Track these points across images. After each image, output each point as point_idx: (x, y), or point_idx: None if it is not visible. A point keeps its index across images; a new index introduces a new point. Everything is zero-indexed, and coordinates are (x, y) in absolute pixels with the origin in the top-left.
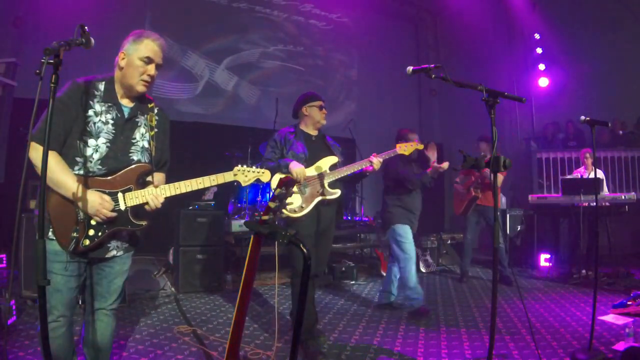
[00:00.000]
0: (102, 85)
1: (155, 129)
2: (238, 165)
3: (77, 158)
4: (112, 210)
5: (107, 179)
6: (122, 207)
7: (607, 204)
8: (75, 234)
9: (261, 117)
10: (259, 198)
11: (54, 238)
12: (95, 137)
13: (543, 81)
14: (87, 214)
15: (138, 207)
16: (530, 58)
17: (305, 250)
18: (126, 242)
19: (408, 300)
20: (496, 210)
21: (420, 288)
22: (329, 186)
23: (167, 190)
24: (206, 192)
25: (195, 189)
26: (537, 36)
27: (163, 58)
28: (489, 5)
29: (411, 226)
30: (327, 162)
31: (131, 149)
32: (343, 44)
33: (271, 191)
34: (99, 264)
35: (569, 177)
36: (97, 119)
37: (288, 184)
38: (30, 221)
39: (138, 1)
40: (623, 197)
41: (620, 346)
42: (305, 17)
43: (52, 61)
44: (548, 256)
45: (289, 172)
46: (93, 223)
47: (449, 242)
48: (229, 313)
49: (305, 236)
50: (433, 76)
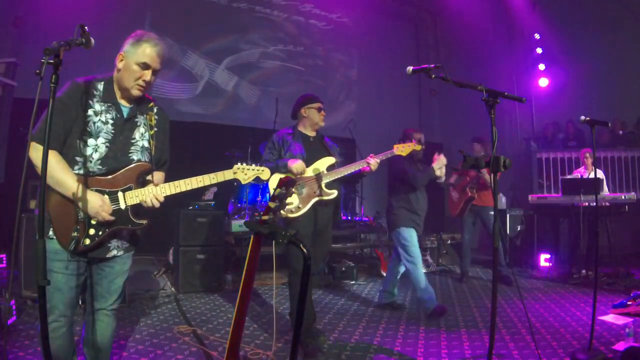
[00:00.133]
0: (102, 85)
1: (155, 128)
2: (238, 163)
3: (77, 158)
4: (113, 209)
5: (108, 178)
6: (123, 206)
7: (607, 204)
8: (75, 234)
9: (261, 117)
10: (259, 198)
11: (54, 237)
12: (94, 137)
13: (543, 81)
14: (88, 214)
15: (138, 206)
16: (530, 58)
17: (305, 250)
18: (126, 242)
19: (422, 302)
20: (496, 210)
21: (430, 288)
22: (326, 187)
23: (167, 188)
24: (206, 192)
25: (195, 188)
26: (537, 36)
27: (162, 62)
28: (489, 5)
29: (416, 228)
30: (325, 163)
31: (131, 149)
32: (343, 44)
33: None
34: (99, 264)
35: (569, 177)
36: (97, 119)
37: (288, 184)
38: (30, 221)
39: (138, 1)
40: (623, 197)
41: (620, 346)
42: (305, 17)
43: (52, 61)
44: (548, 256)
45: (289, 170)
46: (93, 222)
47: (449, 242)
48: (229, 313)
49: (302, 236)
50: (433, 76)
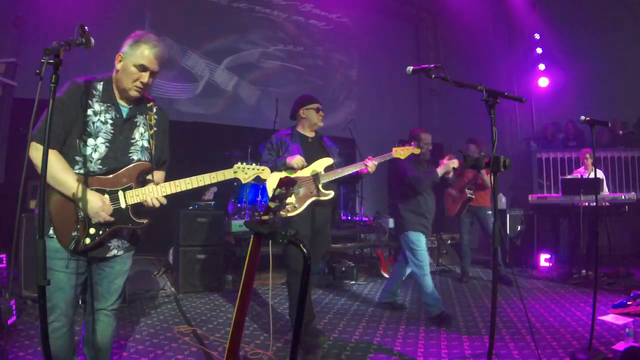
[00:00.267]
0: (101, 85)
1: (154, 128)
2: (238, 162)
3: (77, 157)
4: (113, 208)
5: (108, 177)
6: (123, 205)
7: (607, 204)
8: (75, 233)
9: (261, 117)
10: (259, 198)
11: (55, 236)
12: (94, 137)
13: (543, 81)
14: (87, 214)
15: (139, 206)
16: (530, 58)
17: (305, 250)
18: (127, 241)
19: (427, 306)
20: (496, 210)
21: (437, 294)
22: (323, 187)
23: (168, 188)
24: (206, 192)
25: (195, 187)
26: (537, 36)
27: (160, 64)
28: (489, 5)
29: (425, 232)
30: (322, 164)
31: (130, 149)
32: (343, 44)
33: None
34: (100, 264)
35: (569, 177)
36: (96, 119)
37: (288, 184)
38: (30, 221)
39: (138, 1)
40: (623, 197)
41: (620, 346)
42: (305, 17)
43: (52, 61)
44: (548, 256)
45: (288, 166)
46: (94, 222)
47: (449, 242)
48: (229, 313)
49: (301, 236)
50: (433, 76)
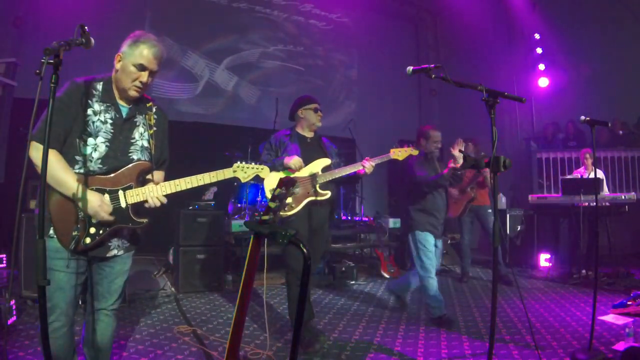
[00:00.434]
0: (100, 85)
1: (154, 128)
2: (237, 162)
3: (77, 157)
4: (113, 207)
5: (108, 177)
6: (123, 205)
7: (607, 204)
8: (76, 233)
9: (261, 117)
10: (259, 198)
11: (55, 236)
12: (94, 137)
13: (543, 81)
14: (87, 214)
15: (139, 205)
16: (530, 58)
17: (305, 250)
18: (127, 241)
19: (429, 307)
20: (496, 210)
21: (440, 296)
22: (321, 187)
23: (168, 187)
24: (206, 192)
25: (195, 186)
26: (537, 36)
27: (160, 64)
28: (489, 5)
29: (434, 232)
30: (320, 164)
31: (130, 149)
32: (343, 44)
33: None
34: (100, 264)
35: (569, 177)
36: (96, 118)
37: (288, 184)
38: (30, 221)
39: (138, 1)
40: (623, 197)
41: (620, 346)
42: (305, 17)
43: (52, 61)
44: (548, 256)
45: (286, 167)
46: (94, 221)
47: (449, 242)
48: (229, 313)
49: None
50: (433, 76)
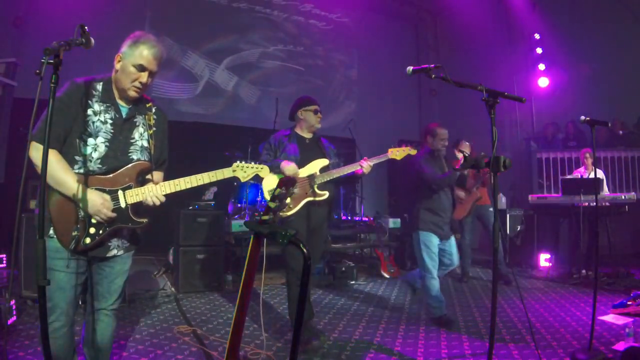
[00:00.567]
0: (100, 85)
1: (153, 128)
2: (237, 161)
3: (77, 157)
4: (113, 208)
5: (108, 177)
6: (123, 205)
7: (607, 204)
8: (76, 233)
9: (261, 117)
10: (259, 198)
11: (55, 236)
12: (94, 137)
13: (543, 81)
14: (88, 213)
15: (138, 205)
16: (530, 58)
17: (305, 250)
18: (127, 241)
19: (429, 307)
20: (496, 210)
21: (441, 297)
22: (319, 188)
23: (167, 187)
24: (206, 192)
25: (194, 186)
26: (537, 36)
27: (159, 64)
28: (489, 5)
29: (437, 232)
30: (318, 165)
31: (130, 149)
32: (343, 44)
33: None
34: (100, 264)
35: (569, 177)
36: (96, 119)
37: (288, 184)
38: (30, 221)
39: (138, 1)
40: (623, 197)
41: (620, 346)
42: (305, 17)
43: (52, 61)
44: (548, 256)
45: (281, 171)
46: (94, 221)
47: None
48: (229, 313)
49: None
50: (433, 76)
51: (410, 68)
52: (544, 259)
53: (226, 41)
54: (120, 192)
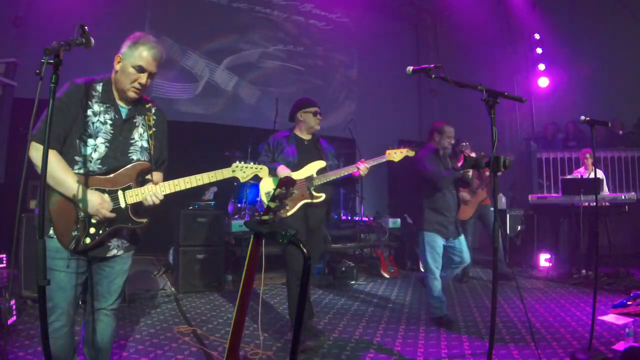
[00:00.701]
0: (100, 86)
1: (153, 128)
2: (236, 162)
3: (77, 157)
4: (113, 207)
5: (107, 177)
6: (123, 205)
7: (607, 204)
8: (75, 233)
9: (261, 117)
10: (259, 198)
11: (55, 236)
12: (93, 137)
13: (543, 81)
14: (88, 213)
15: (138, 205)
16: (530, 58)
17: (305, 250)
18: (127, 241)
19: (430, 307)
20: (496, 210)
21: (443, 297)
22: (316, 190)
23: (167, 187)
24: (206, 192)
25: (194, 186)
26: (537, 36)
27: (159, 66)
28: (489, 5)
29: (443, 232)
30: (315, 167)
31: (130, 149)
32: (343, 44)
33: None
34: (100, 264)
35: (569, 177)
36: (96, 119)
37: (288, 184)
38: (30, 221)
39: (138, 1)
40: (623, 197)
41: (620, 346)
42: (305, 17)
43: (52, 61)
44: (548, 256)
45: (276, 175)
46: (94, 221)
47: None
48: (229, 313)
49: None
50: (433, 76)
51: (410, 68)
52: (544, 259)
53: (226, 41)
54: (120, 192)
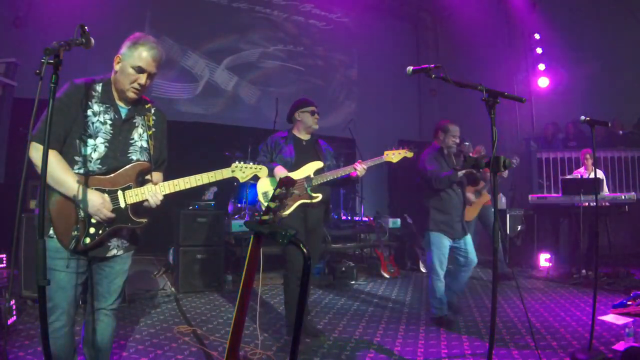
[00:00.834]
0: (100, 86)
1: (153, 128)
2: (236, 162)
3: (77, 157)
4: (113, 207)
5: (107, 177)
6: (122, 205)
7: (607, 204)
8: (75, 233)
9: (261, 117)
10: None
11: (55, 236)
12: (93, 137)
13: (543, 81)
14: (88, 213)
15: (138, 205)
16: (530, 58)
17: (305, 250)
18: (127, 241)
19: (431, 307)
20: (496, 210)
21: (445, 298)
22: (313, 190)
23: (167, 187)
24: (206, 192)
25: (194, 186)
26: (537, 36)
27: (158, 66)
28: (489, 5)
29: (448, 232)
30: (312, 167)
31: (130, 149)
32: (343, 44)
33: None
34: (100, 264)
35: (569, 177)
36: (96, 119)
37: (288, 184)
38: (30, 221)
39: (138, 1)
40: (623, 197)
41: (620, 346)
42: (305, 17)
43: (52, 61)
44: (548, 256)
45: (274, 175)
46: (93, 221)
47: None
48: (229, 313)
49: None
50: (433, 76)
51: (410, 68)
52: (544, 259)
53: (226, 41)
54: (119, 192)
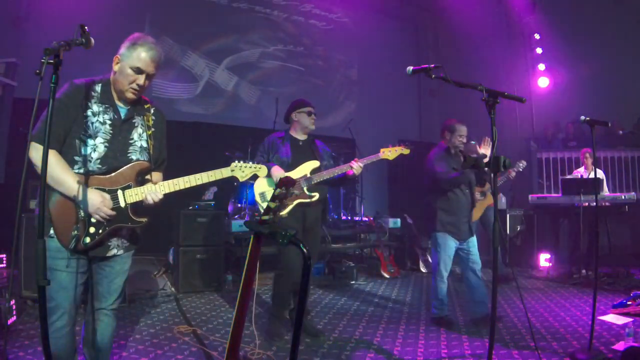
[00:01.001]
0: (99, 86)
1: (152, 128)
2: (235, 161)
3: (76, 157)
4: (112, 207)
5: (107, 177)
6: (122, 204)
7: (607, 204)
8: (75, 232)
9: (261, 117)
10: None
11: (55, 236)
12: (93, 137)
13: (543, 81)
14: (88, 213)
15: (138, 204)
16: (530, 58)
17: (305, 250)
18: (127, 241)
19: (432, 307)
20: (496, 210)
21: (446, 299)
22: (309, 189)
23: (166, 186)
24: (206, 192)
25: (193, 185)
26: (537, 36)
27: (157, 67)
28: (489, 5)
29: (455, 233)
30: (309, 167)
31: (129, 149)
32: (343, 44)
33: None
34: (100, 264)
35: (569, 177)
36: (95, 119)
37: (288, 184)
38: (30, 221)
39: (138, 1)
40: (623, 197)
41: (620, 346)
42: (305, 17)
43: (52, 61)
44: (548, 256)
45: (270, 174)
46: (94, 221)
47: None
48: (229, 313)
49: None
50: (433, 76)
51: (410, 68)
52: (544, 259)
53: (226, 41)
54: (119, 192)
